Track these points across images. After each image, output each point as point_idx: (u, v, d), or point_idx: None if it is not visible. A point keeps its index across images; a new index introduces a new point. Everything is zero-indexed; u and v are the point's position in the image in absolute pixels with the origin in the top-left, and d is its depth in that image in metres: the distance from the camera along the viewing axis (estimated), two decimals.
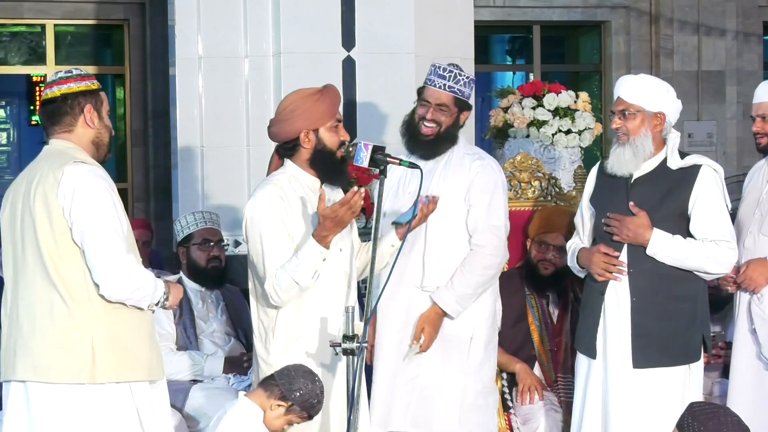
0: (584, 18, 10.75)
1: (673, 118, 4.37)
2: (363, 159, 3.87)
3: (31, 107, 12.24)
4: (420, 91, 4.50)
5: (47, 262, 3.46)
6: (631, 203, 4.24)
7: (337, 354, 3.79)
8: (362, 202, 3.84)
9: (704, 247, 4.19)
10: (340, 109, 4.07)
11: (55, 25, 10.67)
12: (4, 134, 15.67)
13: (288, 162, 4.02)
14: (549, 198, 5.50)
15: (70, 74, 3.63)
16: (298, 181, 3.99)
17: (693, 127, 10.52)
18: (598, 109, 10.43)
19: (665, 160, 4.31)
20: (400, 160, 3.96)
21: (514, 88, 7.45)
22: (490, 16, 10.42)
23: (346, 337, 3.66)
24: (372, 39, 5.88)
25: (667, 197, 4.26)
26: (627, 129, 4.26)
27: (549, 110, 6.88)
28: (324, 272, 3.89)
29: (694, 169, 4.26)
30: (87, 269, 3.46)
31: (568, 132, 6.90)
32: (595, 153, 10.59)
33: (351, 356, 3.66)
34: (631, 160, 4.26)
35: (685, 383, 4.25)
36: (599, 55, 10.93)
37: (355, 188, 3.82)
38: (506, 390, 5.00)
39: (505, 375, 5.01)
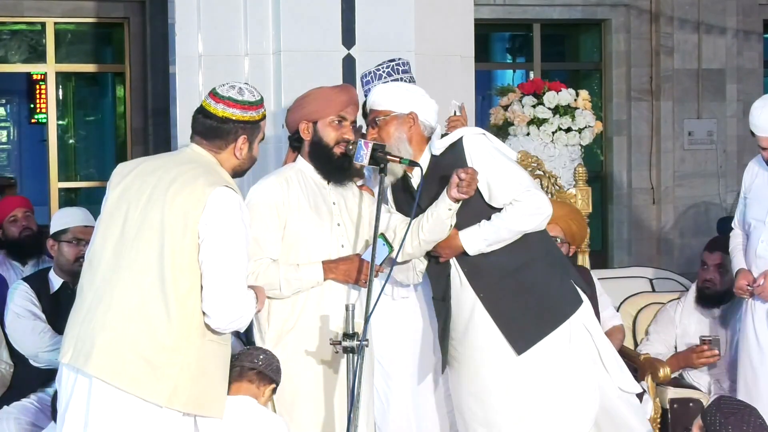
0: (584, 16, 10.74)
1: (428, 117, 4.16)
2: (363, 157, 3.88)
3: (32, 105, 12.24)
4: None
5: (168, 275, 3.35)
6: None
7: (337, 352, 3.80)
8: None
9: (508, 215, 4.02)
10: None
11: (56, 24, 10.66)
12: (5, 132, 15.67)
13: (299, 156, 4.06)
14: (549, 196, 5.50)
15: (240, 99, 3.53)
16: (305, 175, 4.02)
17: (693, 125, 10.52)
18: (599, 107, 10.43)
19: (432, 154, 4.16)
20: (401, 158, 3.97)
21: (514, 86, 7.45)
22: (491, 15, 10.42)
23: (347, 335, 3.66)
24: (372, 37, 5.88)
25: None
26: (381, 137, 4.09)
27: (549, 108, 6.89)
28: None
29: (458, 146, 4.09)
30: (199, 294, 3.37)
31: (569, 130, 6.90)
32: (595, 151, 10.60)
33: (351, 354, 3.66)
34: (394, 166, 4.04)
35: (570, 336, 4.08)
36: (599, 53, 10.92)
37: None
38: None
39: None
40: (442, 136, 4.20)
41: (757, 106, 4.79)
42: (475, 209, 4.05)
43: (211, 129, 3.54)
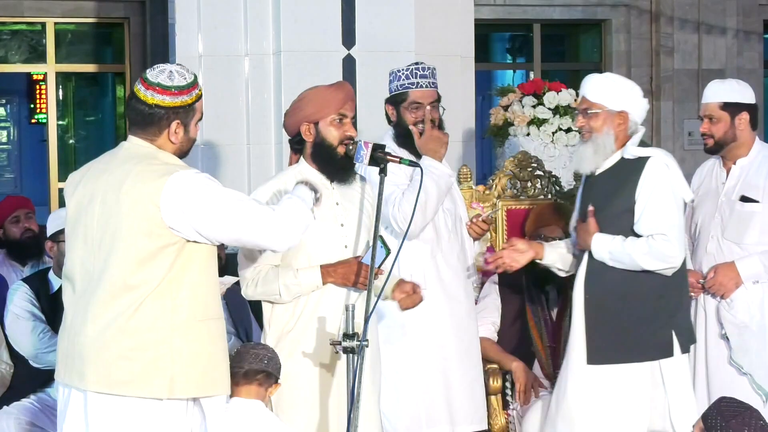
0: (585, 16, 10.75)
1: (638, 117, 4.31)
2: (363, 157, 3.87)
3: (32, 105, 12.25)
4: (403, 96, 4.52)
5: (137, 275, 3.32)
6: (590, 207, 4.27)
7: (337, 353, 3.80)
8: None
9: (637, 246, 4.17)
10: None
11: (56, 24, 10.67)
12: (5, 132, 15.68)
13: (301, 158, 4.05)
14: (549, 196, 5.50)
15: (169, 85, 3.44)
16: (305, 177, 4.00)
17: (693, 125, 10.51)
18: None
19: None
20: (400, 158, 3.97)
21: (514, 87, 7.45)
22: (491, 15, 10.42)
23: (347, 336, 3.66)
24: (372, 37, 5.88)
25: (615, 193, 4.25)
26: (590, 127, 4.26)
27: (549, 108, 6.88)
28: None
29: (642, 162, 4.22)
30: (181, 283, 3.35)
31: (569, 130, 6.90)
32: None
33: (351, 355, 3.66)
34: (591, 158, 4.27)
35: (652, 381, 4.22)
36: (599, 53, 10.92)
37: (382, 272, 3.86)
38: (507, 388, 5.01)
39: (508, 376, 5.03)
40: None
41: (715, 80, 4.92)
42: (621, 224, 4.21)
43: (142, 116, 3.48)
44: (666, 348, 4.23)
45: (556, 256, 4.52)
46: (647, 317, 4.23)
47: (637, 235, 4.19)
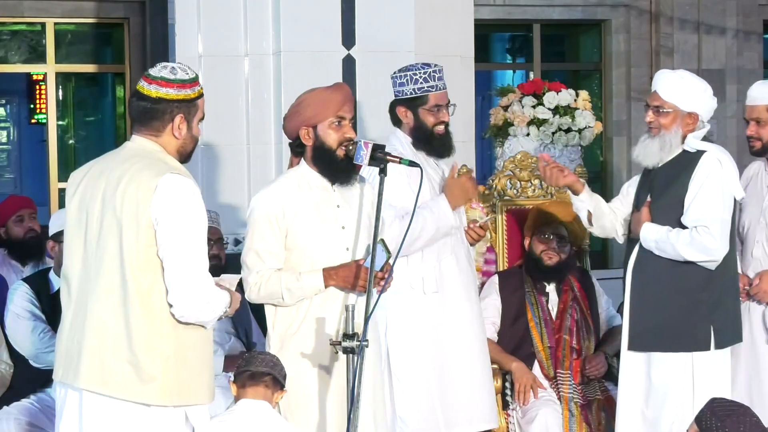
0: (584, 16, 10.75)
1: (706, 117, 4.44)
2: (363, 158, 3.87)
3: (32, 105, 12.24)
4: (424, 99, 4.53)
5: (128, 274, 3.32)
6: (648, 198, 4.39)
7: (337, 353, 3.80)
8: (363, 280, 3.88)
9: (679, 236, 4.27)
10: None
11: (56, 24, 10.67)
12: (4, 133, 15.68)
13: (302, 160, 4.05)
14: (549, 196, 5.51)
15: (173, 78, 3.44)
16: (307, 180, 4.00)
17: None
18: (598, 108, 10.43)
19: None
20: (400, 158, 3.96)
21: (514, 87, 7.46)
22: (491, 15, 10.41)
23: (347, 336, 3.66)
24: (372, 37, 5.88)
25: (670, 185, 4.35)
26: (659, 124, 4.36)
27: (549, 109, 6.89)
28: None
29: (697, 156, 4.33)
30: (163, 288, 3.34)
31: (569, 130, 6.91)
32: (595, 151, 10.59)
33: (351, 355, 3.66)
34: (657, 153, 4.38)
35: (689, 372, 4.31)
36: (599, 53, 10.92)
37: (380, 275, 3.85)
38: (507, 388, 5.02)
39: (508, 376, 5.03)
40: None
41: (760, 81, 4.96)
42: (673, 215, 4.31)
43: (145, 111, 3.46)
44: (703, 342, 4.31)
45: (590, 199, 4.62)
46: (687, 309, 4.31)
47: (684, 227, 4.28)
